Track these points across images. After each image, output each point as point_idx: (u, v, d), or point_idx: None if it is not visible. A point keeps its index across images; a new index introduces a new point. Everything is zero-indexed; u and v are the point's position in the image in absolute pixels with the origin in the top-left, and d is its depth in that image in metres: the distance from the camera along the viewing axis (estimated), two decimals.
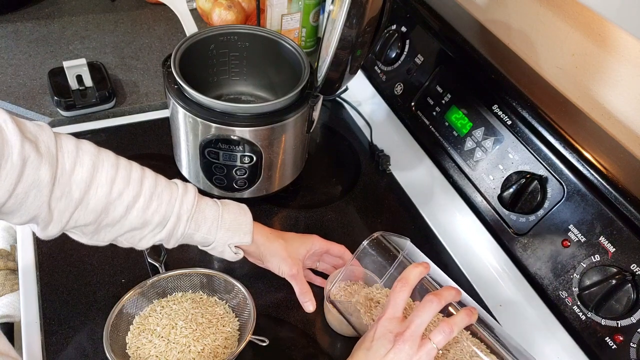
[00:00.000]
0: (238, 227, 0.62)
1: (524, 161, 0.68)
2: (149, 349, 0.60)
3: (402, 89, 0.88)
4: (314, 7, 1.06)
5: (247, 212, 0.64)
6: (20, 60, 0.99)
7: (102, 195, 0.53)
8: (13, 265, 0.80)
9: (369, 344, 0.51)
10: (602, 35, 0.66)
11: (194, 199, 0.60)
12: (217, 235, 0.61)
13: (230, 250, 0.63)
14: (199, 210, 0.60)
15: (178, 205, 0.58)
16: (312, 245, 0.68)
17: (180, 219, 0.58)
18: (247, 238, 0.63)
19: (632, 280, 0.55)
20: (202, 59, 0.81)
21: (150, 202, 0.56)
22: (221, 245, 0.62)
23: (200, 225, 0.60)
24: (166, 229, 0.58)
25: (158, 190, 0.57)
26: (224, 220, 0.61)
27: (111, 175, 0.53)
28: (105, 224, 0.55)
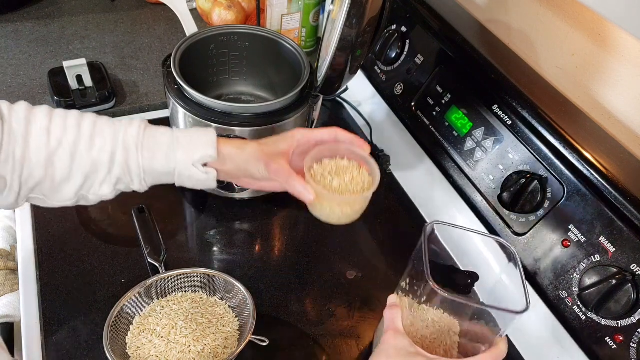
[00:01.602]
0: (198, 143, 0.57)
1: (524, 161, 0.68)
2: (149, 349, 0.60)
3: (402, 89, 0.88)
4: (314, 7, 1.05)
5: (208, 130, 0.59)
6: (20, 60, 0.99)
7: (42, 146, 0.51)
8: (13, 265, 0.80)
9: None
10: (602, 35, 0.66)
11: (139, 126, 0.55)
12: (177, 157, 0.56)
13: (198, 171, 0.57)
14: (148, 137, 0.55)
15: (122, 136, 0.54)
16: (292, 137, 0.61)
17: (129, 149, 0.54)
18: (210, 151, 0.56)
19: (632, 280, 0.55)
20: (202, 59, 0.81)
21: (92, 141, 0.53)
22: (185, 168, 0.56)
23: (155, 151, 0.55)
24: (117, 164, 0.54)
25: (98, 129, 0.54)
26: (180, 141, 0.56)
27: (45, 124, 0.52)
28: (60, 179, 0.53)
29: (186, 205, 0.82)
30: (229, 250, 0.76)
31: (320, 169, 0.59)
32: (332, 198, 0.57)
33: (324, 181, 0.58)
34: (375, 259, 0.77)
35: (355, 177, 0.58)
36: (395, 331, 0.55)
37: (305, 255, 0.76)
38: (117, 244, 0.73)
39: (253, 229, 0.80)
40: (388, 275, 0.75)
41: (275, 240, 0.80)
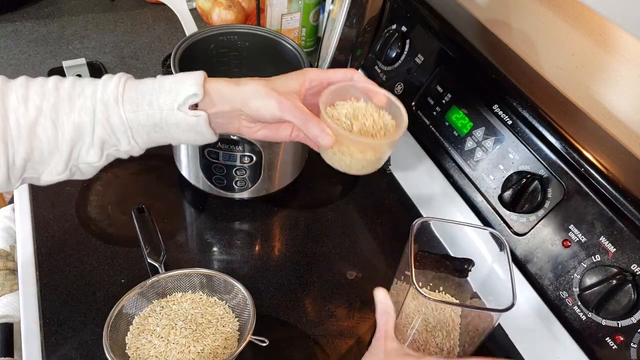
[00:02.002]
0: (181, 84, 0.51)
1: (525, 161, 0.68)
2: (149, 349, 0.60)
3: (402, 89, 0.88)
4: (314, 6, 1.05)
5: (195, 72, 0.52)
6: (19, 60, 0.99)
7: (21, 117, 0.48)
8: (12, 266, 0.80)
9: None
10: (602, 35, 0.66)
11: (119, 79, 0.51)
12: (160, 102, 0.50)
13: (185, 115, 0.50)
14: (129, 88, 0.51)
15: (100, 92, 0.50)
16: (304, 76, 0.54)
17: (108, 104, 0.49)
18: (193, 89, 0.50)
19: (633, 281, 0.55)
20: (202, 58, 0.81)
21: (72, 103, 0.49)
22: (171, 113, 0.50)
23: (138, 102, 0.50)
24: (99, 123, 0.49)
25: (77, 90, 0.50)
26: (162, 86, 0.51)
27: (22, 94, 0.48)
28: (46, 151, 0.49)
29: (186, 205, 0.82)
30: (228, 250, 0.76)
31: (335, 112, 0.51)
32: (355, 141, 0.48)
33: (342, 124, 0.50)
34: (375, 259, 0.77)
35: (377, 120, 0.51)
36: (386, 335, 0.54)
37: (305, 255, 0.76)
38: (117, 244, 0.73)
39: (253, 229, 0.80)
40: (388, 275, 0.75)
41: (275, 240, 0.80)
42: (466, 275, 0.67)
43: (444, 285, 0.69)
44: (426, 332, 0.64)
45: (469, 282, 0.68)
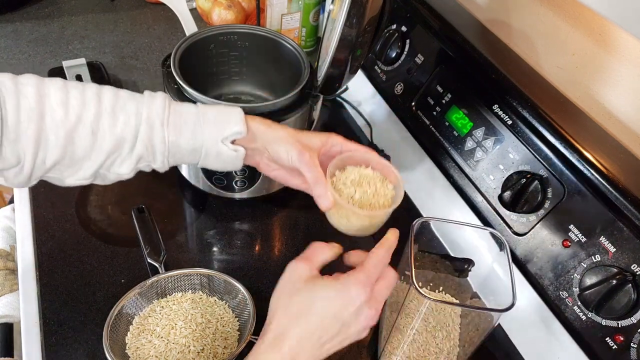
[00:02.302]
0: (226, 119, 0.54)
1: (525, 161, 0.68)
2: (149, 349, 0.60)
3: (402, 89, 0.88)
4: (314, 6, 1.05)
5: (234, 106, 0.57)
6: (19, 60, 0.99)
7: (59, 123, 0.47)
8: (12, 266, 0.80)
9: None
10: (602, 35, 0.66)
11: (164, 102, 0.53)
12: (205, 133, 0.53)
13: (227, 149, 0.54)
14: (174, 113, 0.53)
15: (146, 111, 0.51)
16: (328, 138, 0.58)
17: (153, 125, 0.51)
18: (239, 126, 0.54)
19: (633, 281, 0.55)
20: (202, 58, 0.81)
21: (115, 116, 0.50)
22: (213, 145, 0.54)
23: (182, 128, 0.53)
24: (141, 141, 0.51)
25: (121, 103, 0.51)
26: (207, 117, 0.54)
27: (61, 98, 0.48)
28: (79, 157, 0.50)
29: (186, 205, 0.82)
30: (228, 250, 0.76)
31: (342, 177, 0.56)
32: (351, 210, 0.53)
33: (346, 190, 0.55)
34: None
35: (379, 189, 0.55)
36: (304, 260, 0.50)
37: None
38: (117, 244, 0.73)
39: (253, 229, 0.80)
40: None
41: (275, 240, 0.80)
42: (466, 275, 0.67)
43: (444, 285, 0.69)
44: (426, 332, 0.64)
45: (469, 282, 0.68)
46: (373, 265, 0.49)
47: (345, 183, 0.55)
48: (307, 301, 0.46)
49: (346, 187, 0.55)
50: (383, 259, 0.50)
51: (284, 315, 0.46)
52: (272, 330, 0.46)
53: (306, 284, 0.48)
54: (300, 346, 0.45)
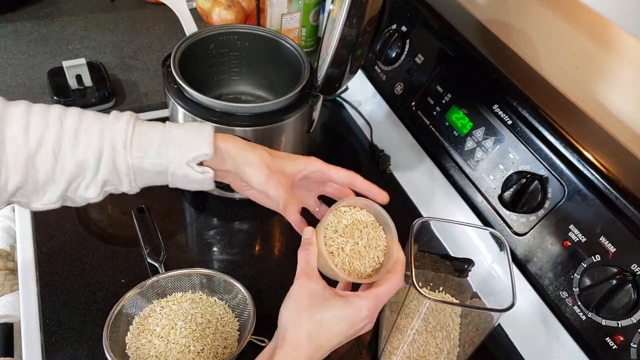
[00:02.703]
0: (193, 140, 0.52)
1: (525, 161, 0.68)
2: (149, 349, 0.60)
3: (402, 89, 0.88)
4: (314, 6, 1.05)
5: (205, 124, 0.54)
6: (19, 60, 0.99)
7: (21, 147, 0.47)
8: (12, 266, 0.80)
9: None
10: (602, 35, 0.66)
11: (128, 123, 0.50)
12: (169, 155, 0.51)
13: (193, 171, 0.52)
14: (138, 134, 0.50)
15: (109, 133, 0.49)
16: (305, 165, 0.56)
17: (116, 148, 0.49)
18: (205, 148, 0.51)
19: (633, 281, 0.55)
20: (202, 58, 0.81)
21: (77, 139, 0.49)
22: (179, 167, 0.51)
23: (146, 150, 0.50)
24: (104, 164, 0.50)
25: (84, 125, 0.49)
26: (173, 137, 0.51)
27: (22, 123, 0.47)
28: (42, 181, 0.49)
29: (186, 205, 0.82)
30: (228, 250, 0.76)
31: (334, 221, 0.54)
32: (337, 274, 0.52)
33: (337, 240, 0.53)
34: None
35: (372, 238, 0.54)
36: (309, 276, 0.51)
37: None
38: (117, 244, 0.73)
39: (253, 229, 0.80)
40: None
41: (275, 240, 0.80)
42: (466, 275, 0.67)
43: (444, 285, 0.69)
44: (426, 332, 0.64)
45: (469, 282, 0.68)
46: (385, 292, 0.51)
47: (337, 230, 0.54)
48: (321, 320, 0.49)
49: (337, 236, 0.54)
50: (396, 285, 0.52)
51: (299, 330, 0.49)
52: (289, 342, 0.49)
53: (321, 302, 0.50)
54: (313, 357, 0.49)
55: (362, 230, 0.54)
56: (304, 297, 0.50)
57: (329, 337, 0.49)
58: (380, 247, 0.54)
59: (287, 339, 0.49)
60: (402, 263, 0.53)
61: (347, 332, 0.50)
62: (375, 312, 0.51)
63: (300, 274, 0.52)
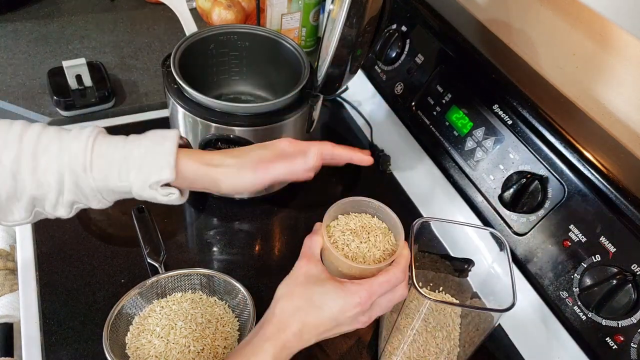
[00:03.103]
0: (152, 162, 0.49)
1: (525, 161, 0.68)
2: (149, 349, 0.60)
3: (402, 89, 0.88)
4: (314, 6, 1.05)
5: (166, 139, 0.50)
6: (19, 59, 0.99)
7: None
8: (12, 266, 0.80)
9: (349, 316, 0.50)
10: (603, 35, 0.66)
11: (86, 144, 0.48)
12: (130, 178, 0.49)
13: (157, 193, 0.50)
14: (98, 156, 0.48)
15: (67, 156, 0.47)
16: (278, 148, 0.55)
17: (76, 172, 0.47)
18: (166, 173, 0.49)
19: (633, 281, 0.55)
20: (202, 58, 0.81)
21: (35, 160, 0.47)
22: (142, 190, 0.50)
23: (106, 172, 0.48)
24: (67, 187, 0.48)
25: (43, 144, 0.47)
26: (133, 158, 0.49)
27: None
28: (5, 199, 0.48)
29: (186, 205, 0.82)
30: (228, 250, 0.76)
31: (342, 222, 0.55)
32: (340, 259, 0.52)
33: (342, 237, 0.54)
34: None
35: (379, 241, 0.54)
36: (309, 258, 0.52)
37: None
38: (117, 244, 0.73)
39: (253, 229, 0.80)
40: None
41: (275, 240, 0.80)
42: (466, 275, 0.67)
43: (444, 285, 0.69)
44: (426, 332, 0.64)
45: (469, 282, 0.68)
46: (381, 283, 0.51)
47: (344, 231, 0.54)
48: (312, 297, 0.50)
49: (344, 234, 0.54)
50: (394, 279, 0.51)
51: (289, 304, 0.50)
52: (277, 315, 0.49)
53: (315, 281, 0.50)
54: (300, 334, 0.49)
55: (370, 233, 0.55)
56: (300, 275, 0.51)
57: (318, 316, 0.49)
58: (388, 250, 0.55)
59: (275, 312, 0.49)
60: (405, 258, 0.53)
61: (337, 316, 0.49)
62: (368, 302, 0.50)
63: (301, 257, 0.53)
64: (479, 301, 0.67)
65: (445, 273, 0.68)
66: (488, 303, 0.66)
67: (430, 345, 0.63)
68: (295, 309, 0.49)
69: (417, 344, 0.63)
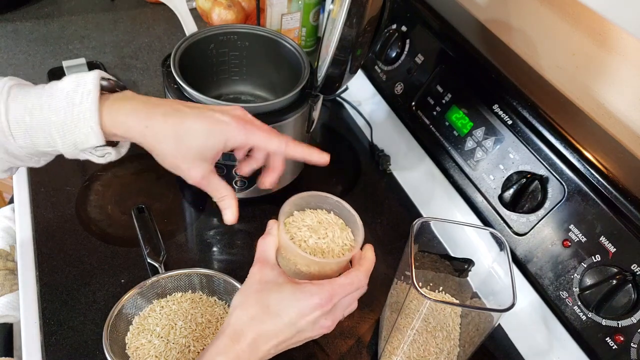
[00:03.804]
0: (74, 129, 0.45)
1: (525, 161, 0.68)
2: (149, 349, 0.60)
3: (402, 89, 0.88)
4: (314, 6, 1.05)
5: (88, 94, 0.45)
6: (19, 59, 0.99)
7: None
8: (12, 266, 0.80)
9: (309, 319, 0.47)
10: (602, 35, 0.66)
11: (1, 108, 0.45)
12: (57, 145, 0.46)
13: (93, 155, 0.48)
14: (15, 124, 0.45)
15: None
16: (225, 141, 0.50)
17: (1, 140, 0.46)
18: (92, 140, 0.46)
19: (633, 281, 0.55)
20: (202, 58, 0.81)
21: None
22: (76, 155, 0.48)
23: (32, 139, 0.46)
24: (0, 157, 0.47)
25: None
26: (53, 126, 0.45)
27: None
28: None
29: (186, 205, 0.82)
30: (228, 250, 0.76)
31: (300, 217, 0.52)
32: (299, 255, 0.49)
33: (300, 233, 0.51)
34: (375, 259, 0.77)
35: (337, 237, 0.51)
36: (263, 263, 0.49)
37: None
38: (117, 244, 0.73)
39: (253, 229, 0.80)
40: (388, 276, 0.75)
41: None
42: (466, 275, 0.67)
43: (444, 285, 0.69)
44: (426, 332, 0.64)
45: (469, 282, 0.68)
46: (343, 284, 0.48)
47: (300, 227, 0.52)
48: (268, 304, 0.46)
49: (300, 230, 0.51)
50: (357, 281, 0.48)
51: (244, 313, 0.46)
52: (232, 325, 0.46)
53: (271, 287, 0.47)
54: (255, 345, 0.45)
55: (327, 229, 0.52)
56: (255, 283, 0.48)
57: (275, 323, 0.45)
58: (347, 246, 0.52)
59: (230, 322, 0.46)
60: (370, 261, 0.50)
61: (297, 322, 0.46)
62: (329, 303, 0.46)
63: (255, 262, 0.49)
64: (479, 301, 0.67)
65: (445, 273, 0.68)
66: (488, 303, 0.66)
67: (430, 345, 0.63)
68: (250, 319, 0.46)
69: (417, 344, 0.63)
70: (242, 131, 0.50)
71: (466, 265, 0.66)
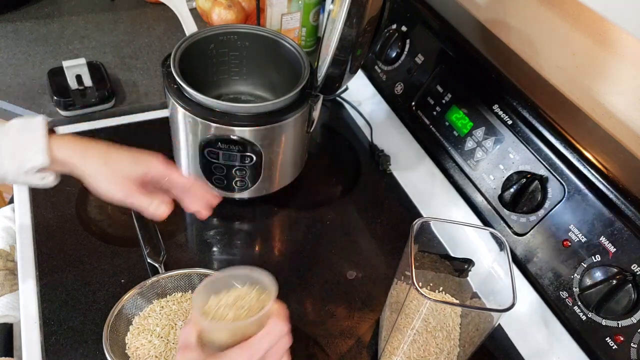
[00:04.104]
0: (26, 148, 0.51)
1: (525, 161, 0.68)
2: (149, 349, 0.60)
3: (402, 89, 0.88)
4: (314, 6, 1.05)
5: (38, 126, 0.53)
6: (19, 59, 0.99)
7: None
8: (12, 266, 0.80)
9: None
10: (602, 35, 0.66)
11: None
12: (4, 166, 0.51)
13: (34, 179, 0.53)
14: None
15: None
16: (148, 169, 0.58)
17: None
18: (39, 159, 0.51)
19: (633, 281, 0.55)
20: (202, 58, 0.81)
21: None
22: (18, 176, 0.52)
23: None
24: None
25: None
26: (4, 147, 0.51)
27: None
28: None
29: None
30: (228, 250, 0.76)
31: (215, 302, 0.51)
32: (216, 329, 0.48)
33: (218, 312, 0.50)
34: (375, 259, 0.77)
35: (254, 305, 0.50)
36: (184, 349, 0.47)
37: (305, 255, 0.76)
38: (117, 244, 0.73)
39: (253, 229, 0.80)
40: (388, 275, 0.75)
41: (275, 240, 0.80)
42: (466, 275, 0.67)
43: (444, 285, 0.69)
44: (426, 332, 0.64)
45: (469, 282, 0.69)
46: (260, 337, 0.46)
47: (218, 308, 0.50)
48: None
49: (218, 310, 0.50)
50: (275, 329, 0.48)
51: None
52: None
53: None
54: None
55: (244, 299, 0.50)
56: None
57: None
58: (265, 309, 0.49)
59: None
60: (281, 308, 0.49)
61: None
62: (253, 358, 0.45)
63: (177, 350, 0.49)
64: (479, 301, 0.67)
65: (445, 273, 0.68)
66: (488, 303, 0.66)
67: (430, 345, 0.63)
68: None
69: (417, 344, 0.63)
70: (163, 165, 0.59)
71: (466, 265, 0.66)
